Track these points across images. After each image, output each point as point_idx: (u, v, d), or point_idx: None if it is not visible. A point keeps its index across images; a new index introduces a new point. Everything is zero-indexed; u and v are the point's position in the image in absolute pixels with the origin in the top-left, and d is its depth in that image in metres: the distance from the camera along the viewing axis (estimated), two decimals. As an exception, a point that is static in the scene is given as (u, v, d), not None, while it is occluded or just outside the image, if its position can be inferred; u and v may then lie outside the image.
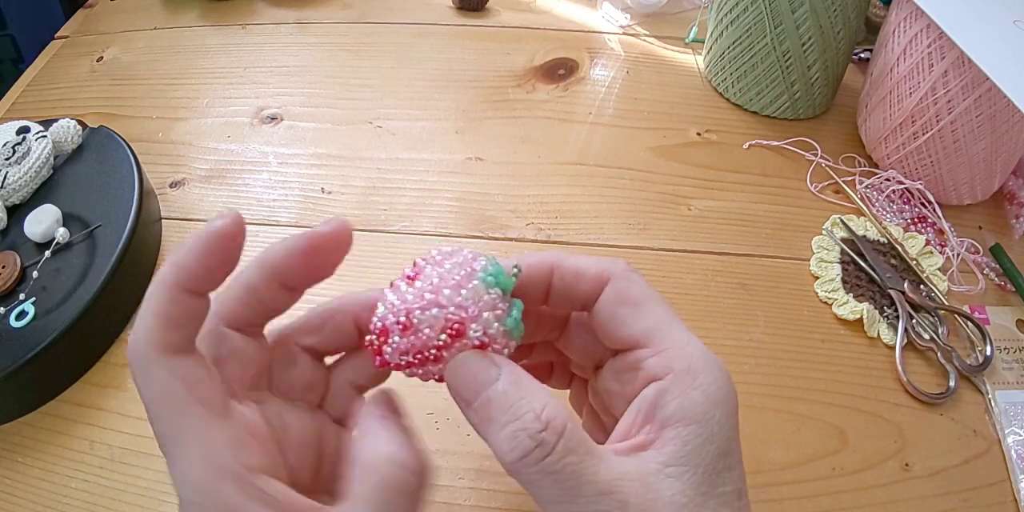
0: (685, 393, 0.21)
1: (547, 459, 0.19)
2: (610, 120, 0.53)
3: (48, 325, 0.36)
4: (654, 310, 0.23)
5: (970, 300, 0.42)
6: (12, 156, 0.43)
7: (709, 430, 0.20)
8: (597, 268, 0.24)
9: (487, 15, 0.62)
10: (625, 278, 0.24)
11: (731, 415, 0.21)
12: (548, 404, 0.20)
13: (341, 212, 0.46)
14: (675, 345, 0.22)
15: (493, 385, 0.21)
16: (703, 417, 0.20)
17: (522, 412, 0.20)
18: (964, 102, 0.40)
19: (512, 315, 0.22)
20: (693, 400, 0.21)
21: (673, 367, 0.21)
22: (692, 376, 0.21)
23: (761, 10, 0.46)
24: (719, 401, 0.21)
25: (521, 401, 0.20)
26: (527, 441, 0.19)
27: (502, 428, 0.20)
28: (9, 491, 0.34)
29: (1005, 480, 0.35)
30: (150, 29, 0.62)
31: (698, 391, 0.21)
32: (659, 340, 0.22)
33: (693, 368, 0.21)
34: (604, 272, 0.24)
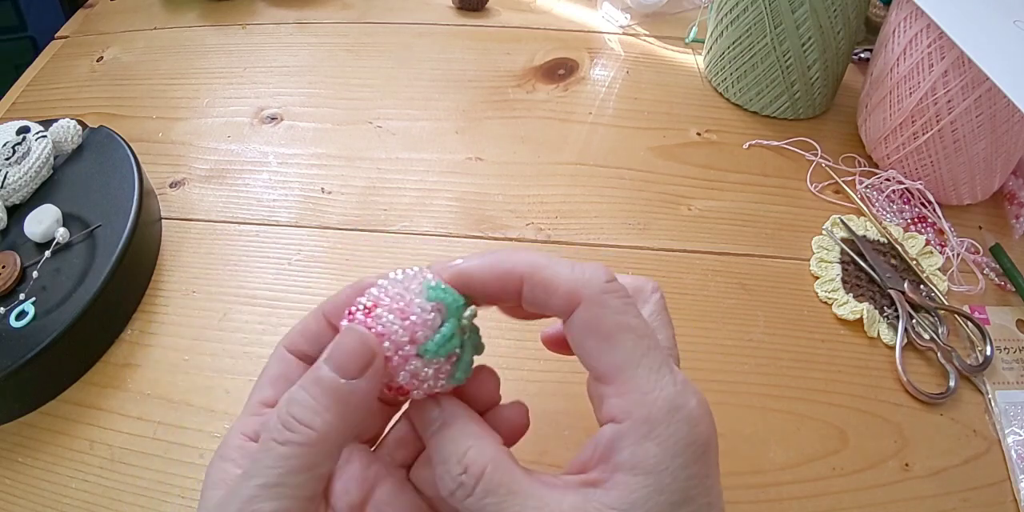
0: (638, 443, 0.20)
1: (468, 499, 0.20)
2: (610, 120, 0.53)
3: (48, 325, 0.36)
4: (623, 345, 0.21)
5: (970, 300, 0.42)
6: (12, 156, 0.43)
7: (660, 481, 0.20)
8: (569, 286, 0.21)
9: (487, 15, 0.62)
10: (598, 303, 0.21)
11: (691, 465, 0.20)
12: (471, 448, 0.21)
13: (341, 212, 0.46)
14: (638, 389, 0.20)
15: (431, 427, 0.22)
16: (654, 469, 0.20)
17: (447, 455, 0.21)
18: (964, 102, 0.40)
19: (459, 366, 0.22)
20: (646, 451, 0.20)
21: (632, 413, 0.20)
22: (650, 426, 0.20)
23: (761, 10, 0.46)
24: (676, 453, 0.20)
25: (448, 444, 0.21)
26: (450, 482, 0.21)
27: (436, 466, 0.22)
28: (9, 491, 0.34)
29: (1005, 480, 0.35)
30: (150, 29, 0.62)
31: (653, 443, 0.20)
32: (622, 381, 0.21)
33: (652, 417, 0.20)
34: (576, 293, 0.21)
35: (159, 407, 0.37)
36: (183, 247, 0.44)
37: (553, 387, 0.37)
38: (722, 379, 0.38)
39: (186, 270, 0.43)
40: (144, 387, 0.38)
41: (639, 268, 0.43)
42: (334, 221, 0.46)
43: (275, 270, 0.43)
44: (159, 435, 0.36)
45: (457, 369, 0.22)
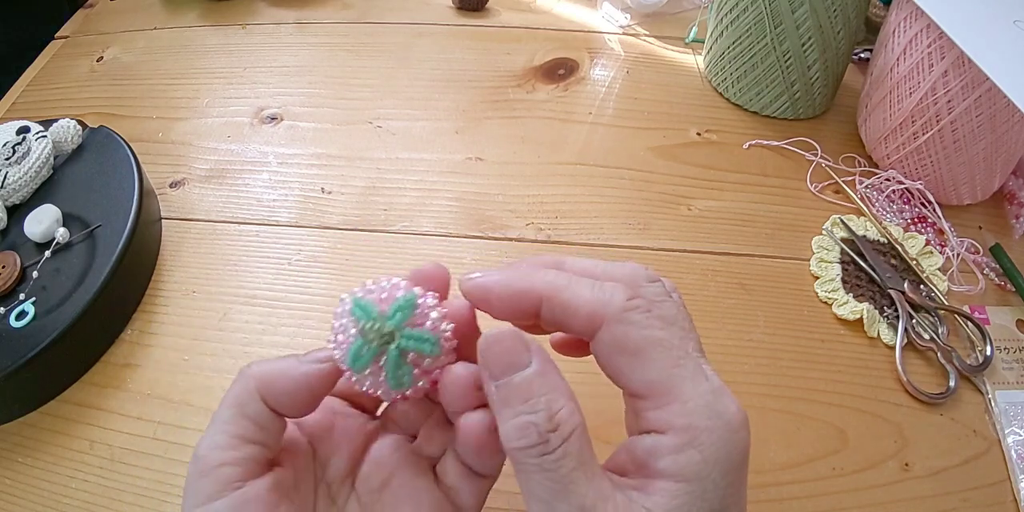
0: (681, 451, 0.20)
1: (546, 456, 0.19)
2: (610, 120, 0.53)
3: (48, 325, 0.36)
4: (654, 359, 0.21)
5: (970, 300, 0.42)
6: (12, 156, 0.43)
7: (702, 489, 0.20)
8: (589, 308, 0.21)
9: (487, 15, 0.62)
10: (621, 320, 0.21)
11: (731, 472, 0.20)
12: (564, 407, 0.20)
13: (341, 212, 0.46)
14: (675, 400, 0.20)
15: (522, 371, 0.21)
16: (696, 476, 0.20)
17: (539, 407, 0.20)
18: (964, 102, 0.40)
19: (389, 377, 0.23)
20: (689, 458, 0.20)
21: (672, 423, 0.20)
22: (691, 434, 0.20)
23: (761, 10, 0.46)
24: (717, 461, 0.20)
25: (541, 396, 0.20)
26: (535, 435, 0.20)
27: (516, 415, 0.20)
28: (9, 491, 0.34)
29: (1005, 480, 0.35)
30: (150, 29, 0.62)
31: (695, 450, 0.20)
32: (660, 394, 0.21)
33: (693, 425, 0.20)
34: (597, 314, 0.21)
35: (159, 407, 0.37)
36: (183, 247, 0.44)
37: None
38: (722, 379, 0.38)
39: (186, 270, 0.43)
40: (144, 387, 0.38)
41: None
42: (334, 221, 0.46)
43: (275, 270, 0.43)
44: (159, 435, 0.36)
45: (389, 379, 0.22)
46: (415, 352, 0.22)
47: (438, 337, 0.23)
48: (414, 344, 0.22)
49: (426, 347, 0.22)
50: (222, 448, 0.22)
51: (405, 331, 0.22)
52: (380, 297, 0.23)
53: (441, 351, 0.23)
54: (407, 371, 0.22)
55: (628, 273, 0.22)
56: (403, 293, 0.23)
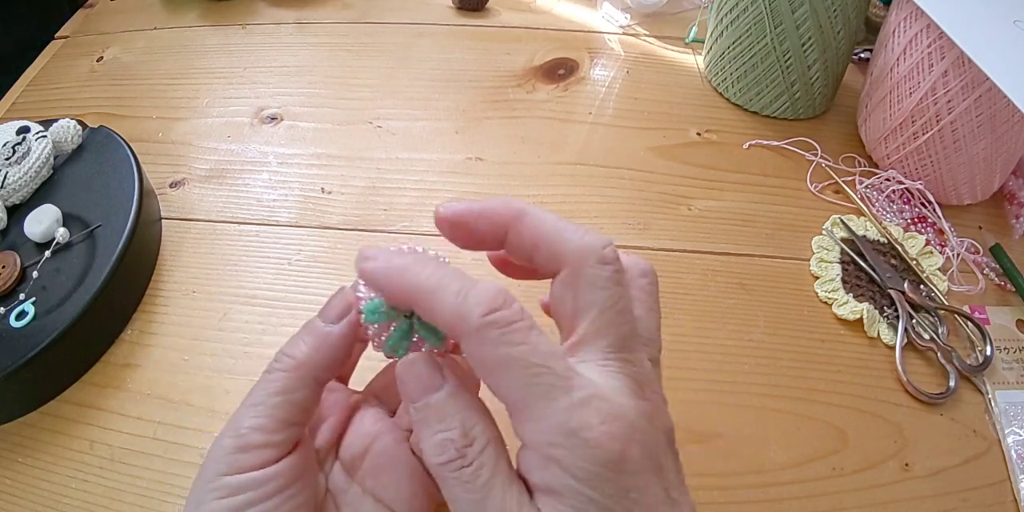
0: (543, 467, 0.20)
1: (463, 469, 0.21)
2: (610, 120, 0.53)
3: (48, 325, 0.36)
4: (508, 378, 0.20)
5: (970, 300, 0.42)
6: (12, 156, 0.43)
7: (573, 503, 0.20)
8: (448, 319, 0.21)
9: (487, 15, 0.62)
10: (476, 339, 0.21)
11: (602, 485, 0.20)
12: (478, 423, 0.22)
13: (341, 212, 0.46)
14: (529, 418, 0.20)
15: (435, 393, 0.22)
16: (563, 491, 0.20)
17: (454, 425, 0.21)
18: (964, 102, 0.40)
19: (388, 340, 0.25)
20: (551, 475, 0.20)
21: (529, 441, 0.21)
22: (547, 452, 0.20)
23: (761, 10, 0.46)
24: (580, 476, 0.20)
25: (455, 415, 0.22)
26: (452, 451, 0.21)
27: (433, 434, 0.22)
28: (9, 491, 0.34)
29: (1005, 480, 0.35)
30: (150, 29, 0.62)
31: (556, 466, 0.20)
32: (518, 411, 0.21)
33: (548, 442, 0.20)
34: (455, 328, 0.21)
35: (159, 407, 0.37)
36: (183, 247, 0.44)
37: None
38: (722, 379, 0.38)
39: (186, 270, 0.43)
40: (144, 387, 0.38)
41: (639, 268, 0.43)
42: (334, 221, 0.46)
43: (275, 270, 0.43)
44: (159, 435, 0.36)
45: (387, 344, 0.25)
46: (421, 338, 0.24)
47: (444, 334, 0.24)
48: (424, 332, 0.24)
49: (431, 338, 0.24)
50: (267, 431, 0.23)
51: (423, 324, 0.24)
52: None
53: (442, 345, 0.25)
54: (405, 346, 0.25)
55: (579, 247, 0.22)
56: None
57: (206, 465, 0.23)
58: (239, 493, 0.22)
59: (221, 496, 0.22)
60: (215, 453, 0.23)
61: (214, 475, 0.23)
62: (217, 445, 0.23)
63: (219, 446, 0.23)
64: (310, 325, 0.25)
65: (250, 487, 0.23)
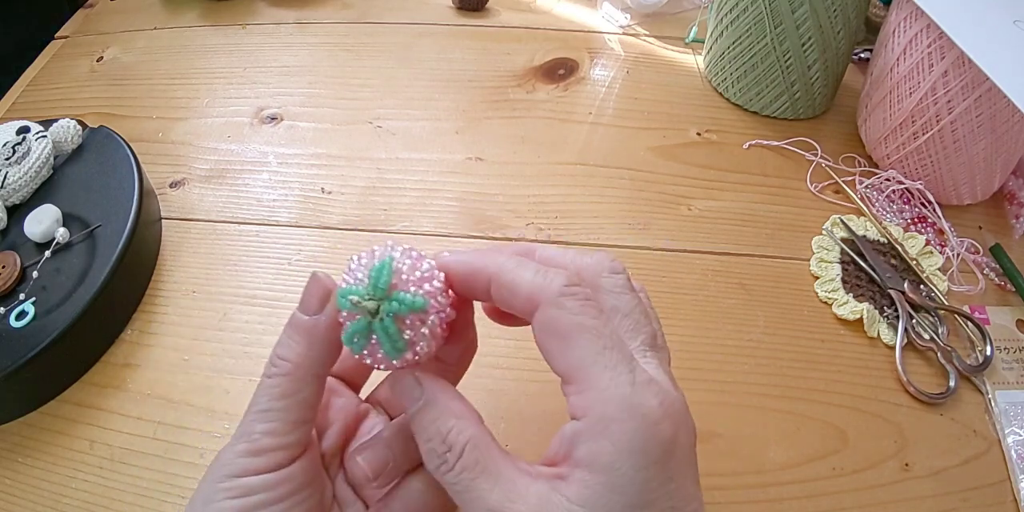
0: (594, 440, 0.20)
1: (449, 473, 0.22)
2: (610, 120, 0.53)
3: (48, 325, 0.36)
4: (580, 344, 0.21)
5: (970, 300, 0.42)
6: (12, 156, 0.43)
7: (614, 481, 0.20)
8: (528, 289, 0.22)
9: (487, 15, 0.62)
10: (555, 305, 0.22)
11: (649, 466, 0.20)
12: (453, 427, 0.22)
13: (341, 212, 0.46)
14: (593, 387, 0.21)
15: (415, 404, 0.23)
16: (608, 467, 0.20)
17: (431, 434, 0.22)
18: (964, 102, 0.40)
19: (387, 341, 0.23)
20: (600, 448, 0.20)
21: (588, 411, 0.21)
22: (604, 424, 0.20)
23: (761, 10, 0.46)
24: (630, 452, 0.20)
25: (433, 423, 0.23)
26: (436, 458, 0.22)
27: (422, 445, 0.23)
28: (9, 491, 0.34)
29: (1005, 480, 0.35)
30: (150, 29, 0.62)
31: (607, 441, 0.20)
32: (581, 379, 0.21)
33: (607, 415, 0.20)
34: (535, 295, 0.22)
35: (159, 407, 0.37)
36: (183, 247, 0.44)
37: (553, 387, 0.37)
38: (722, 379, 0.38)
39: (186, 270, 0.43)
40: (144, 387, 0.38)
41: (639, 268, 0.43)
42: (334, 221, 0.46)
43: (275, 270, 0.43)
44: (159, 435, 0.36)
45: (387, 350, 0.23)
46: (377, 341, 0.22)
47: (422, 294, 0.23)
48: (382, 336, 0.22)
49: (386, 345, 0.22)
50: (279, 434, 0.24)
51: (394, 295, 0.22)
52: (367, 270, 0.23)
53: (429, 306, 0.23)
54: (360, 343, 0.23)
55: (592, 263, 0.24)
56: (377, 261, 0.23)
57: (214, 468, 0.23)
58: (252, 494, 0.23)
59: (232, 496, 0.22)
60: (225, 456, 0.23)
61: (225, 476, 0.23)
62: (228, 450, 0.23)
63: (230, 451, 0.23)
64: (294, 321, 0.24)
65: (263, 489, 0.23)
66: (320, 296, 0.24)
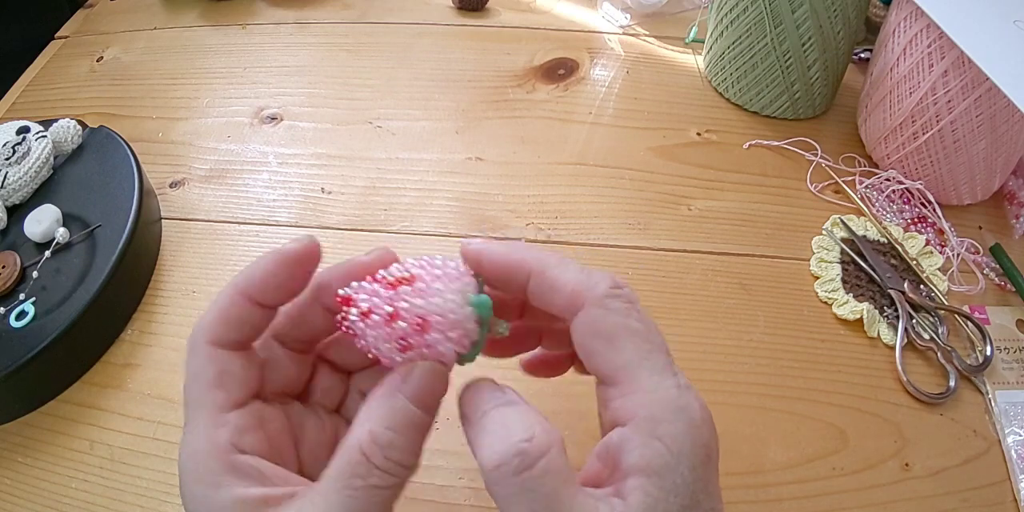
0: (646, 443, 0.20)
1: (525, 473, 0.19)
2: (610, 120, 0.53)
3: (48, 325, 0.36)
4: (626, 346, 0.21)
5: (970, 300, 0.42)
6: (12, 156, 0.43)
7: (672, 483, 0.20)
8: (573, 287, 0.22)
9: (487, 15, 0.62)
10: (600, 305, 0.22)
11: (698, 467, 0.20)
12: (539, 426, 0.20)
13: (341, 212, 0.46)
14: (641, 389, 0.21)
15: (494, 402, 0.22)
16: (665, 469, 0.20)
17: (516, 429, 0.20)
18: (964, 102, 0.40)
19: (476, 344, 0.23)
20: (654, 451, 0.20)
21: (636, 413, 0.20)
22: (655, 424, 0.20)
23: (761, 10, 0.46)
24: (683, 453, 0.20)
25: (516, 421, 0.21)
26: (510, 451, 0.20)
27: (493, 442, 0.20)
28: (9, 491, 0.34)
29: (1005, 480, 0.35)
30: (150, 29, 0.62)
31: (659, 442, 0.20)
32: (626, 382, 0.21)
33: (656, 416, 0.20)
34: (579, 294, 0.22)
35: (159, 407, 0.37)
36: (183, 247, 0.44)
37: (554, 387, 0.37)
38: (722, 379, 0.38)
39: (186, 270, 0.43)
40: (144, 387, 0.38)
41: (639, 268, 0.43)
42: (334, 221, 0.46)
43: (275, 270, 0.43)
44: (159, 435, 0.36)
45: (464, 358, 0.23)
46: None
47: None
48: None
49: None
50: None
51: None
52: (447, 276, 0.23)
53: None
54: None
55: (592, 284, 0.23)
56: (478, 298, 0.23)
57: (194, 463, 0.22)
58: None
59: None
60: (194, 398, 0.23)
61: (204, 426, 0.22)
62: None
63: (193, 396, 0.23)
64: (416, 422, 0.22)
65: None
66: (441, 392, 0.22)
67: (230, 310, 0.23)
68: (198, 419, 0.22)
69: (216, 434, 0.22)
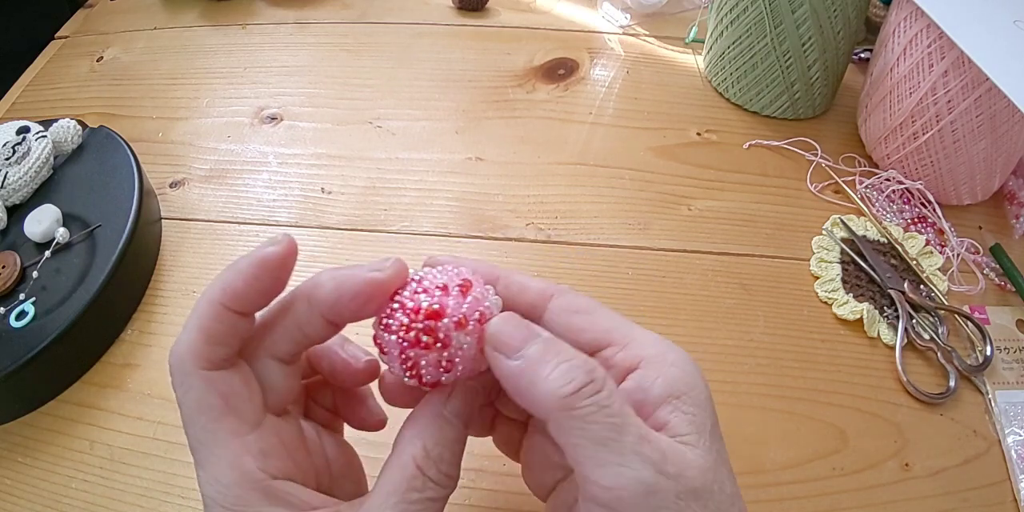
0: (664, 372, 0.22)
1: (598, 395, 0.20)
2: (610, 120, 0.53)
3: (48, 325, 0.36)
4: (605, 314, 0.24)
5: (970, 300, 0.42)
6: (12, 156, 0.43)
7: (697, 398, 0.22)
8: (542, 284, 0.24)
9: (487, 15, 0.62)
10: (569, 292, 0.24)
11: (706, 389, 0.22)
12: (587, 357, 0.21)
13: (341, 212, 0.46)
14: (637, 337, 0.23)
15: (540, 335, 0.22)
16: (688, 388, 0.22)
17: (573, 355, 0.21)
18: (964, 102, 0.40)
19: None
20: (674, 376, 0.22)
21: (643, 354, 0.22)
22: (662, 357, 0.22)
23: (761, 10, 0.46)
24: (695, 373, 0.22)
25: (569, 348, 0.21)
26: (582, 375, 0.20)
27: (556, 366, 0.20)
28: (9, 491, 0.34)
29: (1005, 480, 0.35)
30: (150, 29, 0.62)
31: (675, 368, 0.22)
32: (621, 336, 0.23)
33: (661, 351, 0.23)
34: (547, 289, 0.24)
35: (159, 407, 0.37)
36: (183, 247, 0.44)
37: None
38: (722, 379, 0.38)
39: (186, 270, 0.43)
40: (144, 387, 0.38)
41: (639, 268, 0.43)
42: (334, 221, 0.46)
43: (275, 270, 0.43)
44: (159, 435, 0.36)
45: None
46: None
47: None
48: None
49: None
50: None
51: None
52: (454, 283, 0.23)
53: None
54: None
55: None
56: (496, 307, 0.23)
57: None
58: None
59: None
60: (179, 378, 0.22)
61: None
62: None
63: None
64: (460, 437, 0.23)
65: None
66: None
67: (215, 326, 0.22)
68: (215, 451, 0.21)
69: (242, 463, 0.21)
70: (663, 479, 0.19)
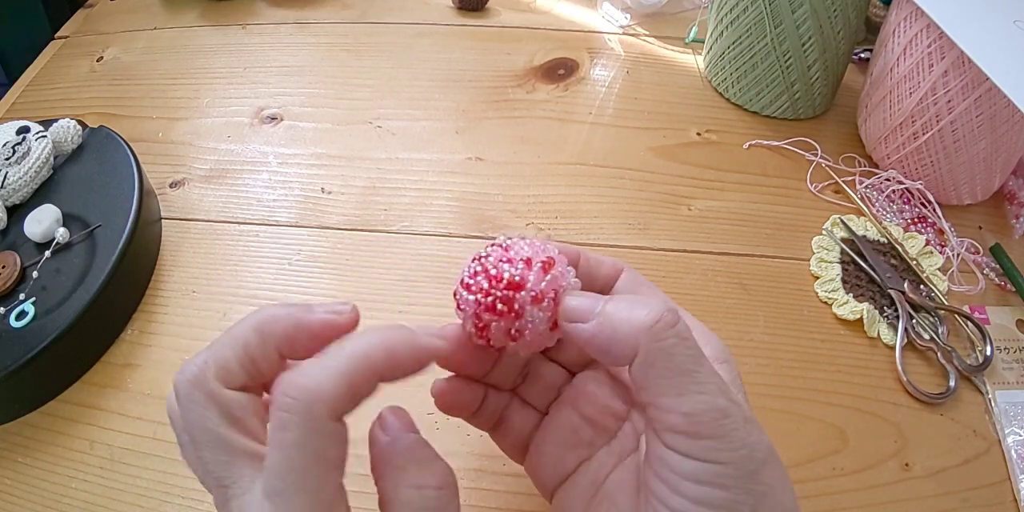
0: (710, 340, 0.26)
1: (679, 326, 0.22)
2: (610, 120, 0.53)
3: (48, 325, 0.36)
4: (657, 292, 0.28)
5: (970, 300, 0.42)
6: (12, 156, 0.43)
7: (732, 367, 0.26)
8: (612, 260, 0.28)
9: (487, 15, 0.62)
10: (633, 271, 0.29)
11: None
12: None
13: (341, 212, 0.46)
14: (684, 313, 0.26)
15: (610, 298, 0.23)
16: (727, 359, 0.25)
17: (651, 301, 0.22)
18: (964, 102, 0.40)
19: None
20: (717, 347, 0.26)
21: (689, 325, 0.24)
22: (700, 329, 0.26)
23: (761, 10, 0.46)
24: (725, 349, 0.26)
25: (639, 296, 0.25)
26: (665, 309, 0.22)
27: (635, 306, 0.22)
28: (9, 491, 0.34)
29: (1005, 480, 0.35)
30: (150, 29, 0.62)
31: (714, 335, 0.26)
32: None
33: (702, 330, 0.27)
34: (617, 263, 0.28)
35: (159, 407, 0.37)
36: (183, 247, 0.44)
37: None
38: (722, 379, 0.38)
39: (186, 270, 0.43)
40: (144, 387, 0.38)
41: (639, 268, 0.42)
42: (334, 221, 0.46)
43: (275, 270, 0.43)
44: (159, 435, 0.36)
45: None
46: None
47: None
48: None
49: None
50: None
51: None
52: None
53: None
54: None
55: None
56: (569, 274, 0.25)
57: None
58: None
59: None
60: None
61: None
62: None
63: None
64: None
65: None
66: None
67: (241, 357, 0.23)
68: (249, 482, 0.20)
69: None
70: (733, 405, 0.22)
